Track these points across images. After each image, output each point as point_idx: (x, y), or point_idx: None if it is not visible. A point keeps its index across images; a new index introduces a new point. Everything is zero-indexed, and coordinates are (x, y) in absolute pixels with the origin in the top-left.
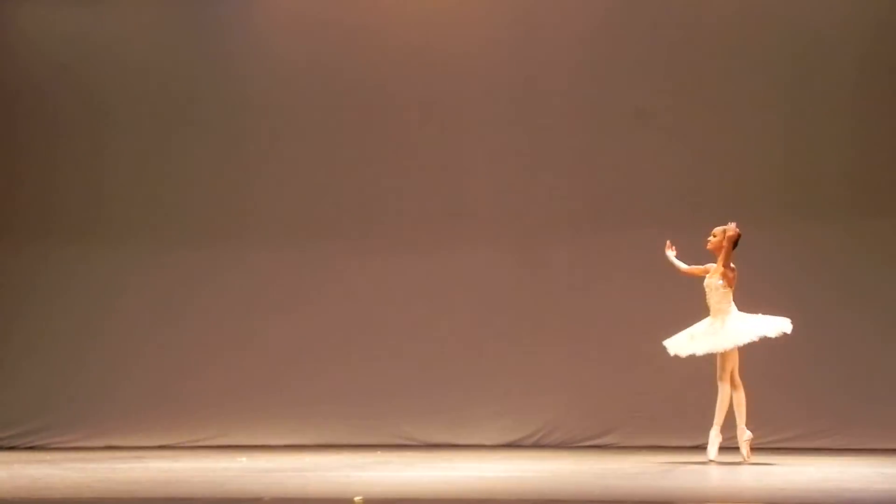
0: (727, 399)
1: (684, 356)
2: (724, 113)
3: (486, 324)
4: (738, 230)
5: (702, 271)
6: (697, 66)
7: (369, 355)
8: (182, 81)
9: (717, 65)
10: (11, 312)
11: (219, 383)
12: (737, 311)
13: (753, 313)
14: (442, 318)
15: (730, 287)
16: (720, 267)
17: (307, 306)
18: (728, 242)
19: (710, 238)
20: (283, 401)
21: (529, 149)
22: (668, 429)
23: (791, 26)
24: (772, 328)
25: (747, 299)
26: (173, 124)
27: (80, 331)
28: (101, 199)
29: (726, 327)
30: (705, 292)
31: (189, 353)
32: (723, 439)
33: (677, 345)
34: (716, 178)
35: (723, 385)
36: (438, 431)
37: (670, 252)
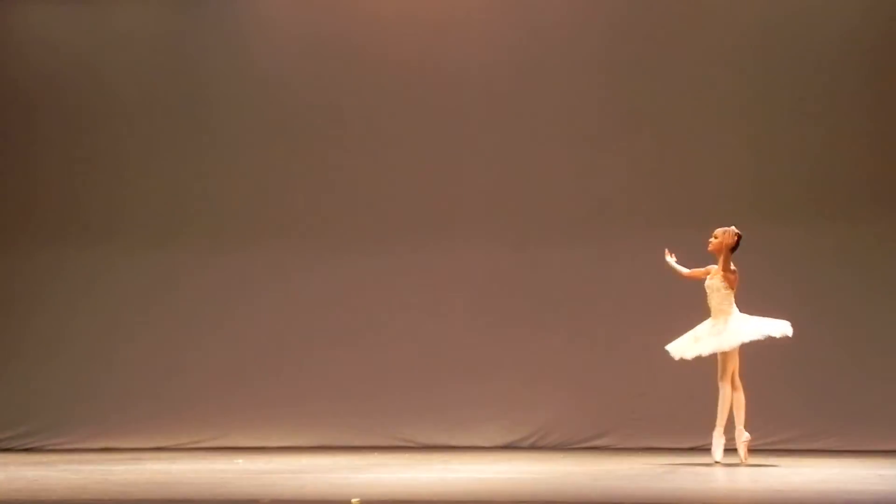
0: (729, 400)
1: (691, 358)
2: (723, 113)
3: (483, 325)
4: (738, 231)
5: (703, 273)
6: (695, 69)
7: (367, 357)
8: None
9: (714, 66)
10: (4, 315)
11: (216, 385)
12: (738, 312)
13: (753, 316)
14: (439, 319)
15: (731, 288)
16: (721, 268)
17: (304, 308)
18: (728, 245)
19: (711, 239)
20: (280, 402)
21: (527, 149)
22: (666, 431)
23: (788, 28)
24: (775, 328)
25: (745, 300)
26: (174, 126)
27: (76, 333)
28: (89, 201)
29: (730, 327)
30: (706, 294)
31: (186, 355)
32: (725, 440)
33: (681, 348)
34: (715, 178)
35: (724, 386)
36: (436, 433)
37: (670, 258)
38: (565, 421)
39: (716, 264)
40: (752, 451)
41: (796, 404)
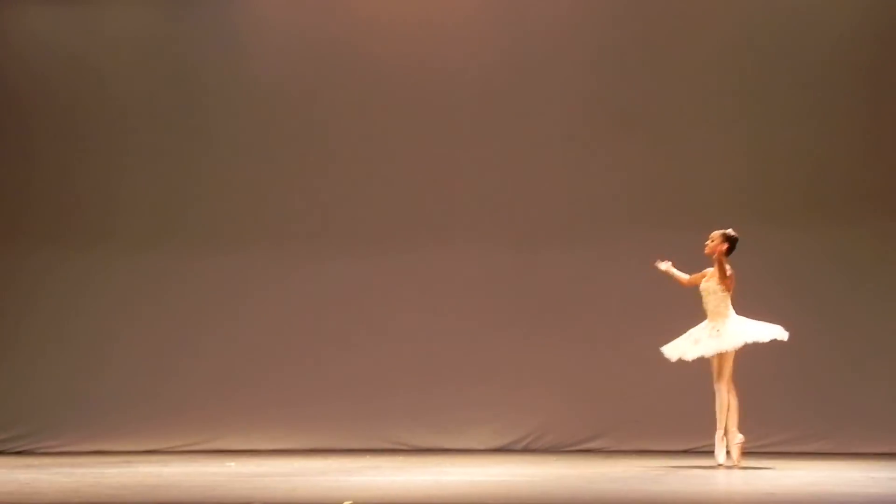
0: (727, 402)
1: (691, 360)
2: (719, 116)
3: (476, 328)
4: (734, 233)
5: (702, 277)
6: (691, 71)
7: (360, 360)
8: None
9: (710, 68)
10: None
11: (208, 388)
12: (735, 314)
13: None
14: (433, 322)
15: (727, 291)
16: (717, 271)
17: (297, 310)
18: (723, 248)
19: (708, 243)
20: (272, 405)
21: (522, 152)
22: (659, 433)
23: (783, 29)
24: (774, 331)
25: (739, 302)
26: (169, 129)
27: (68, 336)
28: (83, 204)
29: (729, 329)
30: (702, 297)
31: (179, 358)
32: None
33: (680, 350)
34: (710, 180)
35: (721, 388)
36: (429, 436)
37: (662, 265)
38: (559, 424)
39: (712, 267)
40: (744, 453)
41: (789, 407)
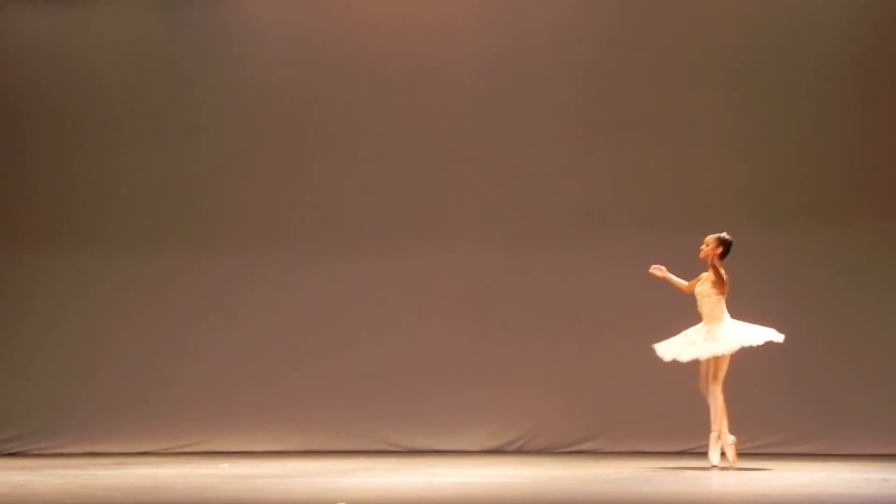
0: (721, 404)
1: (685, 361)
2: (713, 117)
3: (469, 329)
4: (728, 237)
5: (698, 281)
6: (685, 74)
7: (353, 362)
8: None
9: (705, 70)
10: None
11: (202, 390)
12: (730, 318)
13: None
14: (426, 324)
15: (722, 294)
16: (714, 276)
17: (291, 312)
18: (717, 252)
19: (703, 247)
20: (266, 407)
21: (516, 154)
22: (652, 435)
23: (778, 31)
24: (769, 334)
25: (732, 304)
26: (163, 130)
27: (61, 338)
28: (76, 206)
29: (725, 332)
30: (696, 300)
31: (172, 360)
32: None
33: (674, 350)
34: (705, 182)
35: (715, 389)
36: (422, 437)
37: (659, 270)
38: (552, 425)
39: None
40: (739, 454)
41: (783, 408)
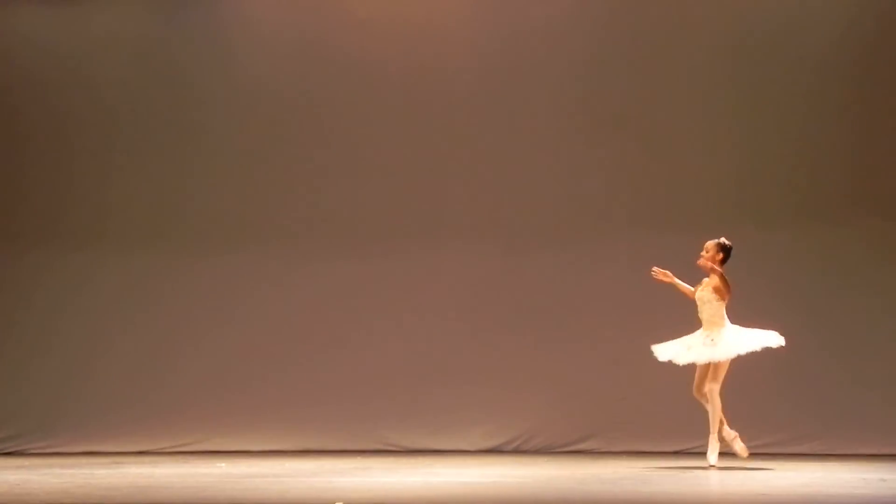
0: (719, 404)
1: (682, 364)
2: (709, 117)
3: (467, 329)
4: (728, 243)
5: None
6: (681, 73)
7: (350, 361)
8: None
9: (700, 69)
10: None
11: (199, 389)
12: (730, 324)
13: (741, 325)
14: (423, 323)
15: (722, 300)
16: (720, 284)
17: (288, 312)
18: (718, 258)
19: (703, 254)
20: (263, 406)
21: (513, 153)
22: (650, 434)
23: (773, 31)
24: (770, 338)
25: (730, 307)
26: (161, 130)
27: (59, 337)
28: (74, 205)
29: (724, 339)
30: (697, 306)
31: (170, 359)
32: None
33: (672, 353)
34: (701, 182)
35: (714, 389)
36: (419, 437)
37: (664, 276)
38: (550, 425)
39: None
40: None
41: (781, 408)
